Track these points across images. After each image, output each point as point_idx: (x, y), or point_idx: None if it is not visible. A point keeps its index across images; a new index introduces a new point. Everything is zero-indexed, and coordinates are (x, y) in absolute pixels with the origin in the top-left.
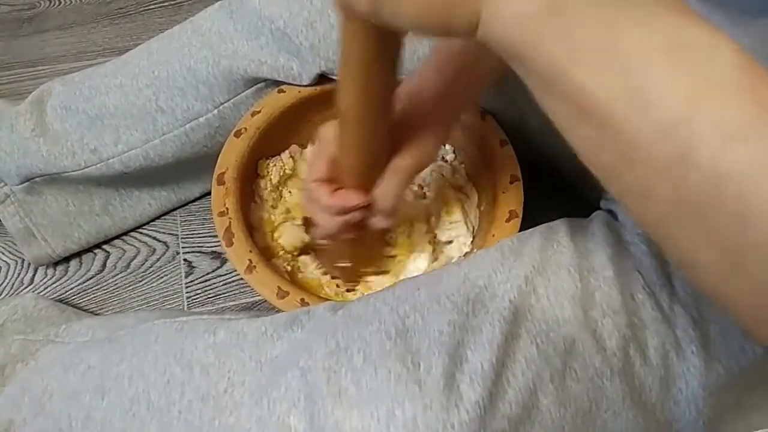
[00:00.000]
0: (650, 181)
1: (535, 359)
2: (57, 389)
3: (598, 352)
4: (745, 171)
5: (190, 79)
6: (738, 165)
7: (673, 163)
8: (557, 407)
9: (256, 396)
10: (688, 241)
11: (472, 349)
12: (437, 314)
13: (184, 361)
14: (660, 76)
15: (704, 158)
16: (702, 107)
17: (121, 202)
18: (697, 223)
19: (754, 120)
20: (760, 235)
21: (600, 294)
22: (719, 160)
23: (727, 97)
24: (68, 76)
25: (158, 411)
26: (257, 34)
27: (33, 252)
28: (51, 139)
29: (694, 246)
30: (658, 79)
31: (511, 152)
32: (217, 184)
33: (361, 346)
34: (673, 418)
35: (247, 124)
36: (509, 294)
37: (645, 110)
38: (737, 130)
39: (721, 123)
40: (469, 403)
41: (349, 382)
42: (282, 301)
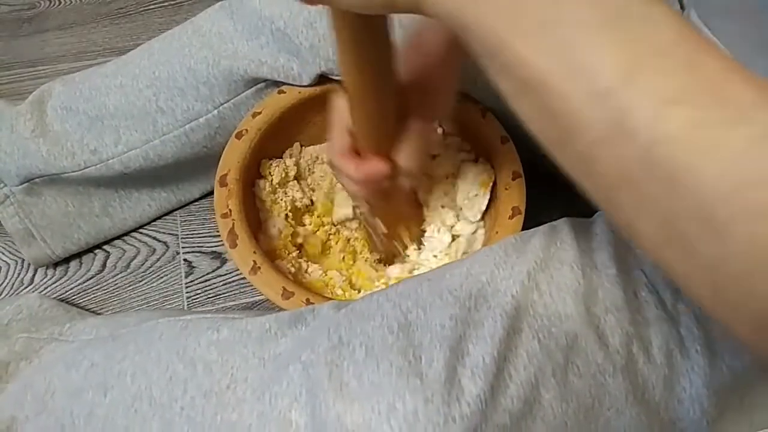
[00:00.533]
0: (591, 153)
1: (537, 354)
2: (60, 387)
3: (600, 349)
4: (677, 135)
5: (191, 79)
6: (671, 129)
7: (610, 131)
8: (559, 402)
9: (259, 392)
10: (630, 212)
11: (473, 343)
12: (439, 309)
13: (187, 358)
14: (596, 46)
15: (639, 125)
16: (637, 75)
17: (121, 204)
18: (637, 192)
19: (689, 86)
20: (691, 200)
21: (603, 291)
22: (653, 125)
23: (662, 65)
24: (69, 77)
25: (160, 407)
26: (257, 34)
27: (32, 253)
28: (51, 139)
29: (636, 216)
30: (594, 49)
31: (513, 149)
32: (219, 186)
33: (363, 340)
34: (677, 416)
35: (248, 126)
36: (511, 289)
37: (581, 80)
38: (671, 95)
39: (655, 89)
40: (471, 396)
41: (351, 375)
42: (287, 301)
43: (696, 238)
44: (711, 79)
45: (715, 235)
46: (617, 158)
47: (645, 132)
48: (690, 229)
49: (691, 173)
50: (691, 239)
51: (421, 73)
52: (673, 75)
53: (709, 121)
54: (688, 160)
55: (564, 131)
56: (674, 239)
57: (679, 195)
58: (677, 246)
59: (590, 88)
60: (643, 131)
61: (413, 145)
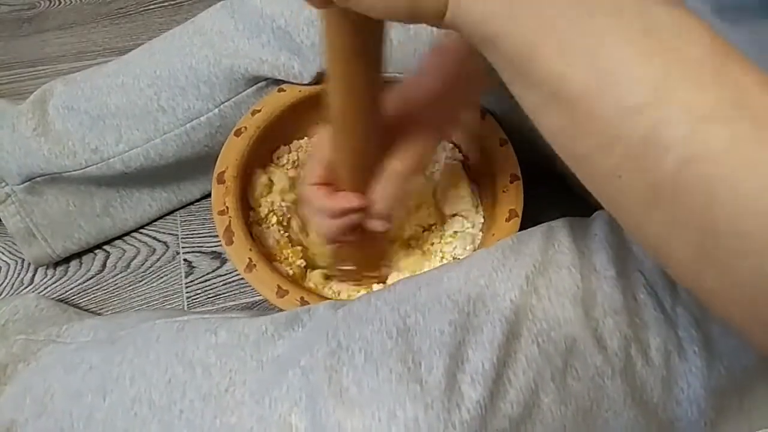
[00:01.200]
0: (620, 168)
1: (536, 358)
2: (59, 389)
3: (599, 352)
4: (712, 152)
5: (192, 78)
6: (707, 147)
7: (643, 146)
8: (558, 406)
9: (258, 395)
10: (660, 231)
11: (473, 348)
12: (438, 314)
13: (186, 361)
14: (630, 58)
15: (674, 141)
16: (672, 89)
17: (122, 203)
18: (668, 211)
19: (723, 102)
20: (728, 221)
21: (601, 294)
22: (688, 142)
23: (696, 80)
24: (70, 76)
25: (160, 410)
26: (258, 32)
27: (33, 252)
28: (52, 138)
29: (666, 236)
30: (628, 61)
31: (511, 151)
32: (217, 183)
33: (363, 345)
34: (675, 418)
35: (248, 123)
36: (510, 293)
37: (614, 92)
38: (706, 112)
39: (690, 105)
40: (471, 402)
41: (351, 381)
42: (282, 299)
43: (733, 254)
44: (743, 94)
45: (754, 251)
46: (648, 174)
47: (679, 148)
48: (727, 245)
49: (728, 189)
50: (727, 256)
51: (407, 116)
52: (706, 90)
53: (744, 137)
54: (724, 176)
55: (593, 146)
56: (709, 256)
57: (714, 211)
58: (711, 263)
59: (622, 102)
60: (677, 147)
61: (390, 187)
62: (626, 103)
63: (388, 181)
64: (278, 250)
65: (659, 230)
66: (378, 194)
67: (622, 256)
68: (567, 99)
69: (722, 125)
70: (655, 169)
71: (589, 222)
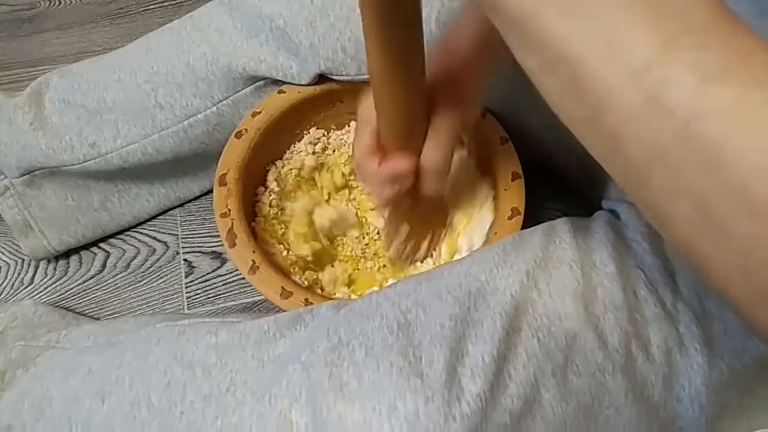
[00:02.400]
0: (623, 130)
1: (536, 353)
2: (57, 394)
3: (599, 348)
4: (717, 111)
5: (189, 75)
6: (712, 106)
7: (646, 107)
8: (559, 401)
9: (258, 393)
10: (662, 192)
11: (473, 342)
12: (439, 308)
13: (185, 362)
14: (633, 19)
15: (678, 101)
16: (677, 50)
17: (119, 198)
18: (670, 172)
19: (729, 63)
20: (730, 178)
21: (602, 290)
22: (693, 101)
23: (703, 41)
24: (66, 68)
25: (159, 413)
26: (257, 31)
27: (29, 244)
28: (50, 132)
29: (668, 197)
30: (632, 24)
31: (512, 149)
32: (218, 185)
33: (363, 340)
34: (676, 415)
35: (248, 125)
36: (510, 288)
37: (616, 54)
38: (714, 72)
39: (696, 65)
40: (471, 396)
41: (351, 376)
42: (286, 301)
43: (732, 218)
44: (749, 56)
45: (753, 215)
46: (651, 135)
47: (684, 108)
48: (726, 208)
49: (731, 149)
50: (726, 220)
51: (448, 72)
52: (712, 51)
53: (749, 98)
54: (728, 135)
55: (594, 108)
56: (708, 220)
57: (716, 172)
58: (710, 227)
59: (626, 62)
60: (682, 107)
61: (440, 144)
62: (630, 64)
63: (435, 139)
64: None
65: (660, 192)
66: (427, 152)
67: (622, 253)
68: (569, 61)
69: (728, 85)
70: (659, 130)
71: (590, 221)
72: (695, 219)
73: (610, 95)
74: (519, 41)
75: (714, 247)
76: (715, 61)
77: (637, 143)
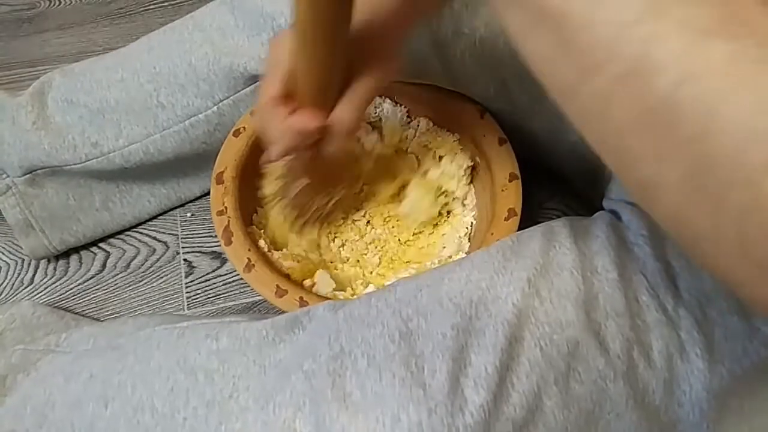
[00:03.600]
0: (609, 92)
1: (539, 362)
2: (59, 399)
3: (601, 355)
4: (712, 70)
5: (191, 75)
6: (705, 64)
7: (634, 66)
8: (561, 409)
9: (262, 401)
10: (649, 158)
11: (475, 352)
12: (440, 317)
13: (188, 368)
14: None
15: (669, 57)
16: (667, 6)
17: (121, 198)
18: (659, 135)
19: (724, 17)
20: (725, 145)
21: (603, 296)
22: (686, 58)
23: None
24: (68, 67)
25: (163, 418)
26: (259, 30)
27: (30, 244)
28: (52, 132)
29: (655, 162)
30: None
31: (510, 150)
32: (216, 183)
33: (365, 349)
34: (677, 420)
35: (246, 124)
36: (512, 297)
37: (605, 7)
38: (705, 26)
39: (688, 22)
40: (474, 406)
41: (354, 386)
42: (281, 299)
43: (726, 185)
44: (746, 11)
45: (748, 181)
46: (640, 97)
47: (675, 66)
48: (719, 175)
49: (724, 112)
50: (719, 187)
51: (370, 27)
52: (705, 4)
53: (745, 55)
54: (721, 96)
55: (581, 69)
56: (700, 189)
57: (708, 137)
58: (703, 197)
59: (616, 17)
60: (673, 65)
61: (353, 105)
62: (617, 18)
63: (351, 99)
64: None
65: (648, 161)
66: (340, 112)
67: (623, 257)
68: (554, 17)
69: (723, 40)
70: (648, 92)
71: (590, 222)
72: (686, 189)
73: (599, 52)
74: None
75: (707, 219)
76: (709, 15)
77: (626, 107)
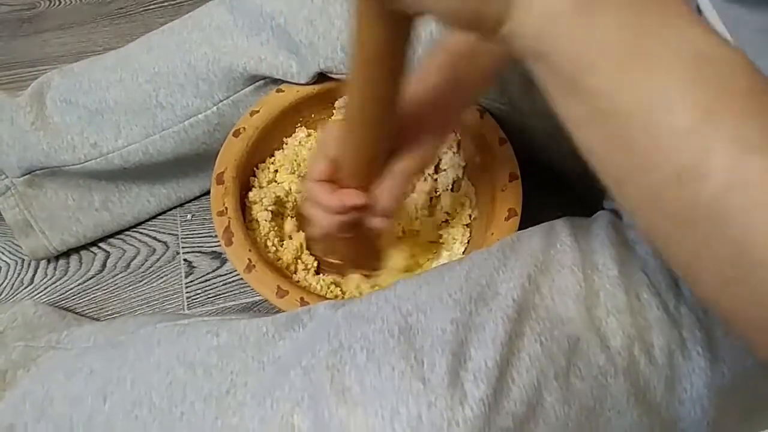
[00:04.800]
0: (660, 190)
1: (539, 357)
2: (58, 394)
3: (602, 351)
4: (754, 182)
5: (190, 75)
6: (747, 177)
7: (686, 171)
8: (561, 405)
9: (260, 396)
10: (691, 254)
11: (475, 347)
12: (440, 312)
13: (187, 363)
14: (681, 84)
15: (717, 168)
16: (719, 118)
17: (120, 199)
18: (703, 234)
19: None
20: (762, 251)
21: (604, 293)
22: (733, 171)
23: (744, 112)
24: (67, 67)
25: (160, 413)
26: (258, 30)
27: (30, 244)
28: (51, 132)
29: (697, 257)
30: (678, 87)
31: (510, 150)
32: (216, 184)
33: (364, 344)
34: (678, 417)
35: (246, 124)
36: (512, 292)
37: (663, 116)
38: (751, 141)
39: (737, 136)
40: (474, 400)
41: (353, 380)
42: (281, 300)
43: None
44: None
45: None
46: (688, 198)
47: (722, 174)
48: (758, 273)
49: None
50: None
51: (412, 116)
52: (752, 120)
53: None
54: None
55: (636, 166)
56: (738, 282)
57: (749, 240)
58: (740, 288)
59: (672, 124)
60: (721, 174)
61: (395, 186)
62: (673, 127)
63: (391, 180)
64: None
65: (691, 252)
66: (381, 192)
67: (624, 255)
68: (615, 116)
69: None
70: (694, 195)
71: (591, 221)
72: (723, 279)
73: (653, 154)
74: (564, 93)
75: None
76: (754, 130)
77: (674, 203)
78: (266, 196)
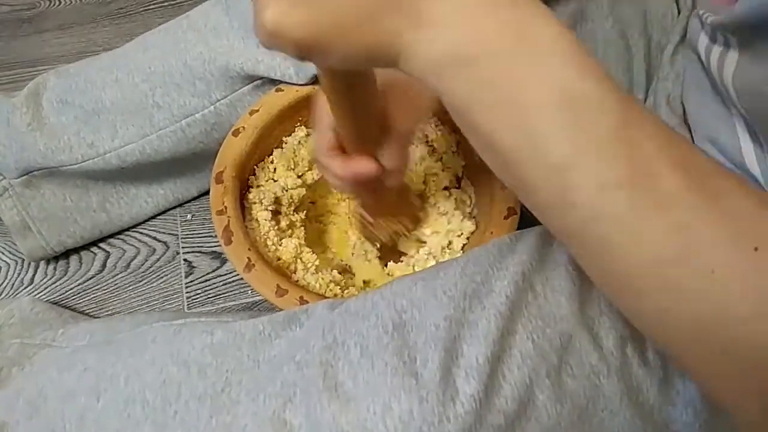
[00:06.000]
0: (541, 211)
1: (531, 354)
2: (52, 391)
3: (594, 350)
4: (614, 216)
5: (187, 75)
6: (610, 211)
7: (557, 201)
8: (553, 403)
9: (253, 393)
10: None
11: (468, 343)
12: (434, 309)
13: (181, 361)
14: (551, 128)
15: (580, 201)
16: (583, 157)
17: (118, 199)
18: (577, 251)
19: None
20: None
21: (598, 293)
22: (592, 203)
23: (605, 151)
24: (63, 68)
25: (153, 411)
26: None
27: (28, 245)
28: (48, 133)
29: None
30: (548, 131)
31: None
32: (215, 183)
33: (358, 340)
34: (671, 419)
35: (246, 123)
36: (506, 290)
37: (537, 155)
38: (611, 180)
39: (598, 173)
40: (465, 396)
41: (346, 375)
42: (281, 299)
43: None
44: (646, 165)
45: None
46: (561, 223)
47: (585, 207)
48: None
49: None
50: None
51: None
52: (614, 161)
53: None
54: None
55: (522, 190)
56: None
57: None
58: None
59: (544, 163)
60: (585, 206)
61: (397, 146)
62: (544, 165)
63: (394, 142)
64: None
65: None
66: (387, 156)
67: None
68: (499, 154)
69: (623, 193)
70: (564, 221)
71: None
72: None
73: (532, 185)
74: (460, 122)
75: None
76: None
77: (554, 224)
78: (266, 196)
